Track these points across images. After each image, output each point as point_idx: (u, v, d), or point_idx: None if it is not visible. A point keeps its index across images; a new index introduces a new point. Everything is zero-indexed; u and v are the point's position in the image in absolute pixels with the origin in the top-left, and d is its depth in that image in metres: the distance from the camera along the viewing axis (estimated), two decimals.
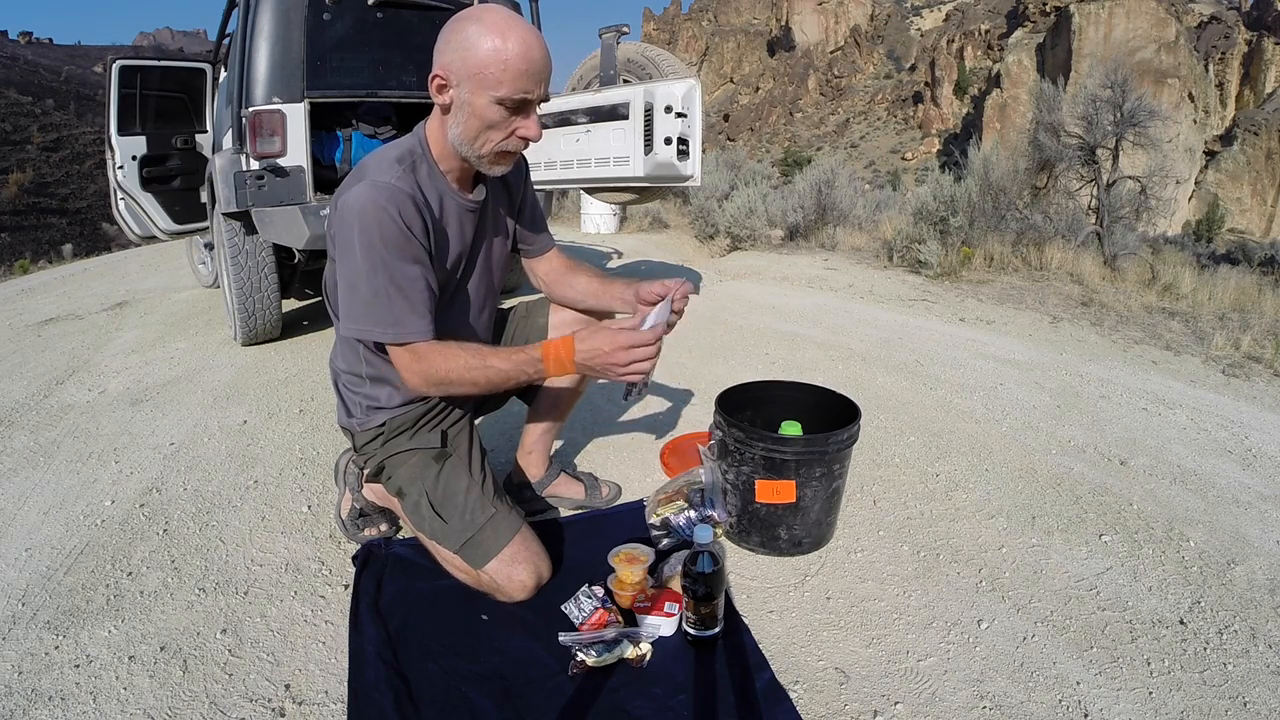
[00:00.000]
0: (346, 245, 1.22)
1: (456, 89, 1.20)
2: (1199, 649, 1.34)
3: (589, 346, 1.25)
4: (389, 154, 1.28)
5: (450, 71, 1.19)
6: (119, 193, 4.30)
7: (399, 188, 1.21)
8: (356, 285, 1.22)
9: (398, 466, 1.45)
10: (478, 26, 1.16)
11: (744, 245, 6.56)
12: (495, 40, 1.15)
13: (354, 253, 1.21)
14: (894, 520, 1.77)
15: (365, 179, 1.22)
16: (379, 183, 1.20)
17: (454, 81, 1.19)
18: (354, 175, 1.28)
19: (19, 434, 2.43)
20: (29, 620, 1.42)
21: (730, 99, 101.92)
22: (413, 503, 1.42)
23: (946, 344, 3.37)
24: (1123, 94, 5.23)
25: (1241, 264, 7.10)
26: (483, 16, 1.17)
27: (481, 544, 1.36)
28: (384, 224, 1.19)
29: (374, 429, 1.46)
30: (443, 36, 1.20)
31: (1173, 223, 22.46)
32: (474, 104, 1.20)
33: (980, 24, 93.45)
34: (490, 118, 1.21)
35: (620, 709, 1.16)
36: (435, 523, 1.39)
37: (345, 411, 1.51)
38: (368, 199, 1.19)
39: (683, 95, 3.16)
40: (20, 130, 57.30)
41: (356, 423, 1.48)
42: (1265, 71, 69.06)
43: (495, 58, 1.15)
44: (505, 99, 1.18)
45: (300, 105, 2.93)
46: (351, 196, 1.21)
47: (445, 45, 1.19)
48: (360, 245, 1.20)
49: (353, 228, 1.20)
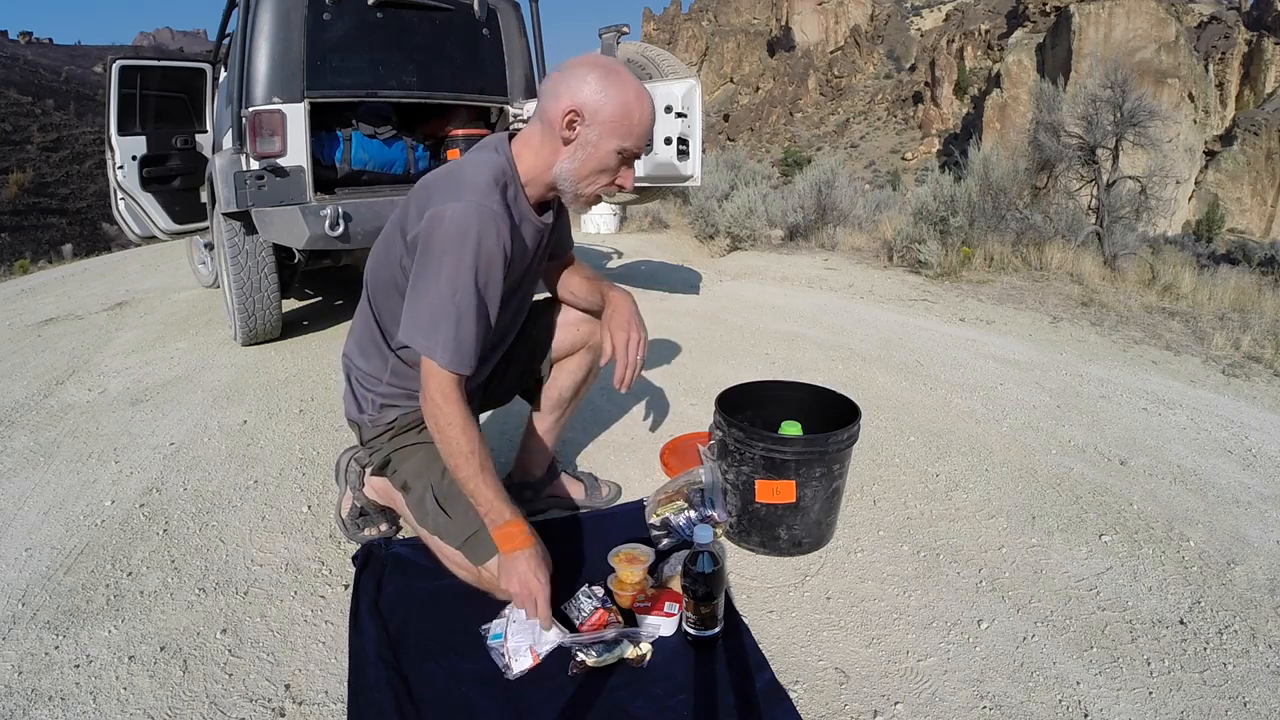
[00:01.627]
0: (438, 257, 1.21)
1: (586, 129, 1.25)
2: (1199, 649, 1.34)
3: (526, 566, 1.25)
4: (483, 172, 1.27)
5: (587, 111, 1.24)
6: (119, 193, 4.30)
7: (501, 215, 1.24)
8: (433, 300, 1.22)
9: (404, 460, 1.45)
10: (619, 80, 1.25)
11: (744, 245, 6.55)
12: (631, 98, 1.25)
13: (443, 268, 1.20)
14: (894, 520, 1.77)
15: (467, 199, 1.22)
16: (485, 207, 1.22)
17: (588, 121, 1.25)
18: (446, 185, 1.27)
19: (19, 434, 2.43)
20: (29, 620, 1.42)
21: (730, 99, 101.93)
22: (417, 497, 1.42)
23: (946, 344, 3.37)
24: (1123, 94, 5.23)
25: (1241, 264, 7.11)
26: (622, 72, 1.27)
27: (484, 541, 1.36)
28: (483, 252, 1.21)
29: (384, 425, 1.47)
30: (580, 74, 1.25)
31: (1173, 223, 22.47)
32: (600, 148, 1.26)
33: (980, 24, 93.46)
34: (608, 164, 1.29)
35: (620, 709, 1.16)
36: (439, 518, 1.39)
37: (356, 406, 1.50)
38: (473, 221, 1.20)
39: (683, 95, 3.16)
40: (20, 130, 57.27)
41: (367, 418, 1.48)
42: (1265, 71, 69.06)
43: (632, 114, 1.25)
44: (626, 151, 1.28)
45: (300, 105, 2.93)
46: (456, 213, 1.20)
47: (583, 84, 1.24)
48: (451, 264, 1.20)
49: (449, 243, 1.20)
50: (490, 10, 3.56)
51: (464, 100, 3.57)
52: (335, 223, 2.86)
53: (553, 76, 1.29)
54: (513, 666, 1.22)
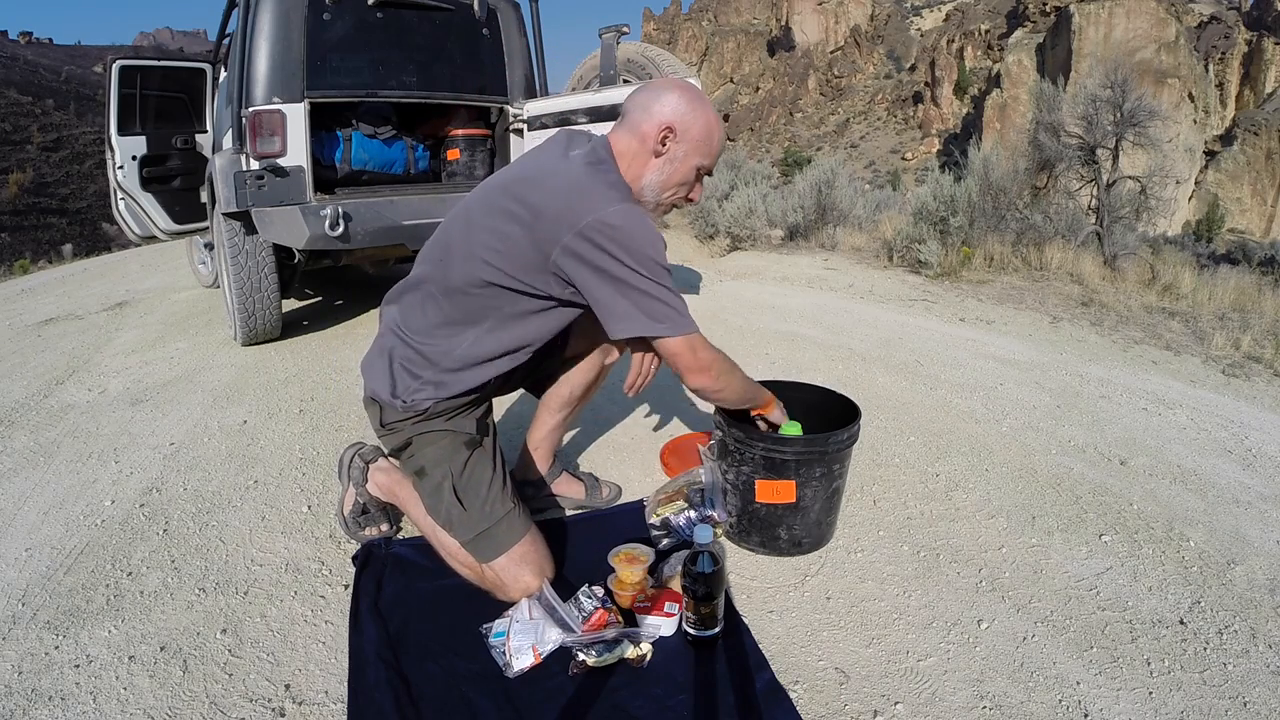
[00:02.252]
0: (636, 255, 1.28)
1: (677, 145, 1.37)
2: (1199, 649, 1.34)
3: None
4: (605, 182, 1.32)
5: (679, 127, 1.36)
6: (119, 193, 4.30)
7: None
8: (653, 291, 1.31)
9: (425, 445, 1.43)
10: (703, 103, 1.39)
11: (744, 245, 6.55)
12: (714, 121, 1.40)
13: (640, 263, 1.29)
14: (894, 520, 1.77)
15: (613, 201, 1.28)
16: (633, 207, 1.31)
17: (679, 138, 1.37)
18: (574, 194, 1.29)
19: (19, 434, 2.43)
20: (29, 620, 1.42)
21: (730, 99, 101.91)
22: (434, 484, 1.41)
23: (946, 344, 3.37)
24: (1123, 94, 5.23)
25: (1241, 264, 7.11)
26: (701, 95, 1.42)
27: (495, 537, 1.36)
28: (657, 241, 1.33)
29: (415, 411, 1.42)
30: (670, 94, 1.37)
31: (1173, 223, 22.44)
32: (685, 163, 1.39)
33: (980, 24, 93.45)
34: (688, 178, 1.42)
35: (620, 709, 1.16)
36: (454, 509, 1.39)
37: (389, 387, 1.42)
38: (638, 219, 1.30)
39: None
40: (20, 130, 57.27)
41: (400, 403, 1.41)
42: (1265, 71, 69.05)
43: (714, 135, 1.40)
44: (704, 168, 1.42)
45: (300, 105, 2.93)
46: (621, 215, 1.27)
47: (677, 104, 1.36)
48: (646, 256, 1.30)
49: (639, 241, 1.29)
50: (490, 10, 3.56)
51: (464, 100, 3.57)
52: (335, 223, 2.86)
53: (641, 95, 1.40)
54: (513, 664, 1.22)
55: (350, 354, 3.17)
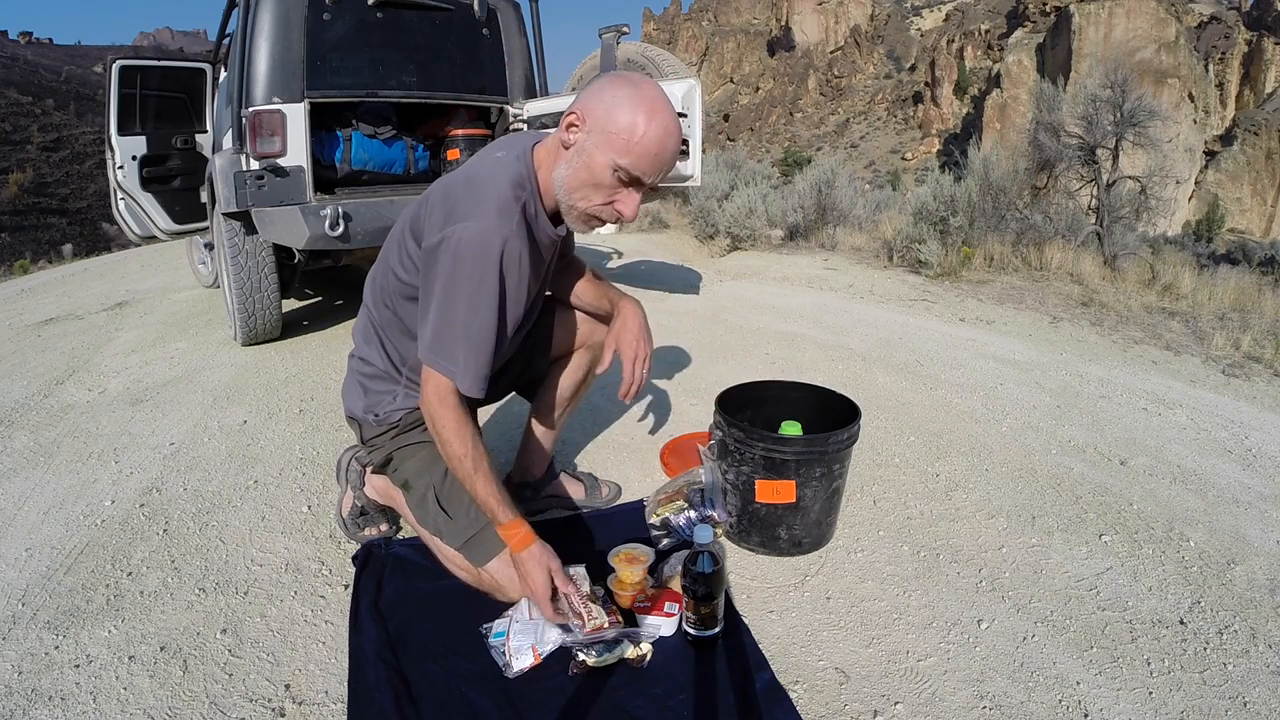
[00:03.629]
0: (450, 278, 1.20)
1: (585, 135, 1.21)
2: (1199, 649, 1.34)
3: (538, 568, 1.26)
4: (504, 185, 1.24)
5: (588, 116, 1.20)
6: (119, 193, 4.30)
7: (520, 236, 1.23)
8: (447, 317, 1.21)
9: (406, 459, 1.45)
10: (633, 92, 1.19)
11: (744, 245, 6.55)
12: (642, 115, 1.17)
13: (456, 287, 1.20)
14: (894, 520, 1.77)
15: (488, 219, 1.20)
16: (505, 229, 1.20)
17: (586, 128, 1.21)
18: (467, 196, 1.24)
19: (19, 434, 2.43)
20: (29, 620, 1.42)
21: (730, 99, 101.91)
22: (419, 496, 1.42)
23: (946, 344, 3.37)
24: (1123, 94, 5.23)
25: (1241, 264, 7.11)
26: (641, 86, 1.20)
27: (485, 542, 1.36)
28: (507, 279, 1.22)
29: (388, 424, 1.46)
30: (603, 84, 1.22)
31: (1173, 223, 22.47)
32: (593, 158, 1.20)
33: (980, 24, 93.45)
34: (600, 178, 1.21)
35: (620, 709, 1.16)
36: (440, 518, 1.39)
37: (361, 406, 1.48)
38: (495, 246, 1.19)
39: (683, 95, 3.15)
40: (20, 130, 57.27)
41: (373, 417, 1.47)
42: (1265, 71, 69.05)
43: (633, 129, 1.17)
44: (621, 169, 1.20)
45: (300, 105, 2.93)
46: (477, 236, 1.19)
47: (595, 94, 1.21)
48: (464, 284, 1.20)
49: (462, 264, 1.19)
50: (490, 10, 3.56)
51: (464, 100, 3.57)
52: (335, 223, 2.86)
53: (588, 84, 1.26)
54: (513, 665, 1.22)
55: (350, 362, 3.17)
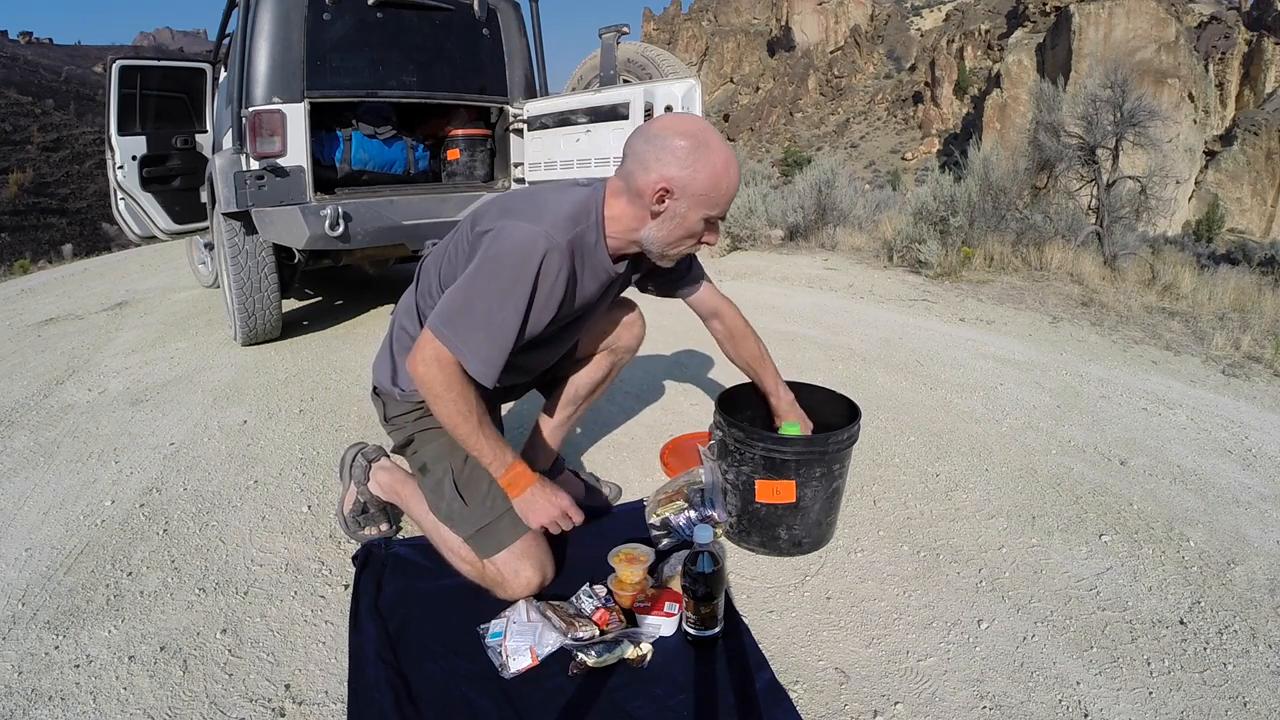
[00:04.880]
0: (488, 265, 1.24)
1: (676, 202, 1.27)
2: (1199, 649, 1.34)
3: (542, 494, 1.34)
4: (567, 204, 1.30)
5: (676, 186, 1.25)
6: (119, 193, 4.30)
7: (564, 252, 1.26)
8: (470, 299, 1.24)
9: (427, 442, 1.46)
10: (708, 152, 1.25)
11: (744, 245, 6.55)
12: (719, 166, 1.25)
13: (491, 275, 1.23)
14: (894, 520, 1.77)
15: (540, 222, 1.24)
16: (553, 239, 1.24)
17: (677, 196, 1.26)
18: (529, 202, 1.30)
19: (19, 434, 2.43)
20: (29, 620, 1.42)
21: (730, 99, 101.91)
22: (435, 480, 1.43)
23: (946, 344, 3.37)
24: (1123, 94, 5.23)
25: (1241, 264, 7.10)
26: (708, 140, 1.26)
27: (496, 533, 1.37)
28: (541, 283, 1.24)
29: (414, 403, 1.47)
30: (670, 146, 1.24)
31: (1173, 223, 22.46)
32: (688, 218, 1.29)
33: (980, 24, 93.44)
34: (696, 230, 1.32)
35: (620, 709, 1.16)
36: (455, 503, 1.40)
37: (390, 377, 1.49)
38: (539, 248, 1.22)
39: (683, 95, 3.16)
40: (20, 130, 57.26)
41: (399, 392, 1.48)
42: (1265, 71, 69.04)
43: (720, 185, 1.27)
44: (713, 218, 1.31)
45: (300, 105, 2.93)
46: (526, 235, 1.23)
47: (670, 157, 1.24)
48: (500, 275, 1.23)
49: (501, 256, 1.23)
50: (490, 10, 3.56)
51: (464, 100, 3.57)
52: (335, 223, 2.86)
53: (640, 143, 1.28)
54: (510, 665, 1.22)
55: (350, 354, 3.17)
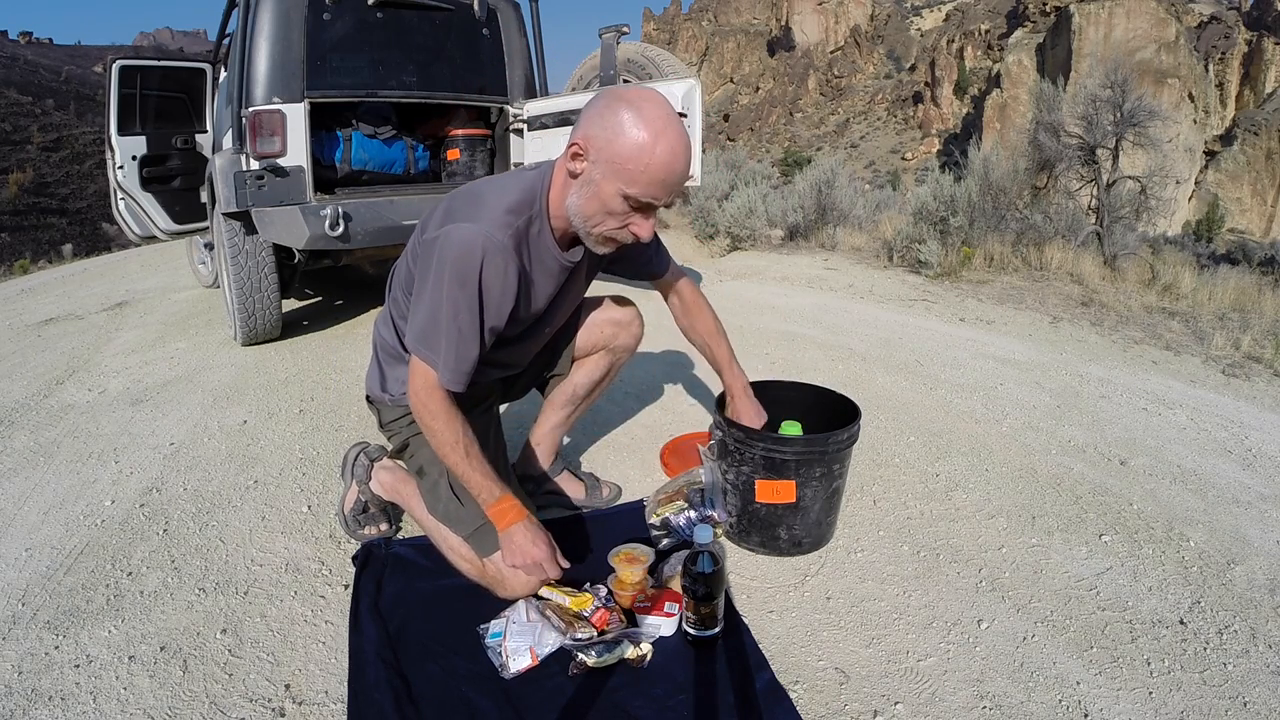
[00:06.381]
0: (439, 274, 1.22)
1: (591, 165, 1.19)
2: (1199, 649, 1.34)
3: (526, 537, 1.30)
4: (507, 196, 1.26)
5: (591, 146, 1.18)
6: (119, 193, 4.30)
7: (507, 249, 1.23)
8: (433, 311, 1.24)
9: (423, 445, 1.45)
10: (634, 115, 1.15)
11: (744, 245, 6.55)
12: (646, 138, 1.14)
13: (441, 284, 1.22)
14: (894, 520, 1.77)
15: (477, 221, 1.22)
16: (491, 237, 1.21)
17: (591, 158, 1.19)
18: (468, 201, 1.27)
19: (19, 434, 2.43)
20: (29, 620, 1.42)
21: (730, 99, 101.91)
22: (431, 482, 1.43)
23: (946, 344, 3.37)
24: (1123, 94, 5.23)
25: (1241, 264, 7.10)
26: (642, 107, 1.16)
27: (493, 531, 1.37)
28: (486, 283, 1.22)
29: (405, 407, 1.47)
30: (595, 105, 1.19)
31: (1173, 223, 22.45)
32: (601, 188, 1.19)
33: (980, 24, 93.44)
34: (612, 207, 1.21)
35: (620, 709, 1.16)
36: (451, 505, 1.40)
37: (380, 384, 1.51)
38: (476, 250, 1.20)
39: (683, 95, 3.16)
40: (20, 130, 57.26)
41: (389, 398, 1.49)
42: (1265, 71, 69.02)
43: (640, 157, 1.14)
44: (633, 197, 1.18)
45: (300, 105, 2.93)
46: (461, 234, 1.21)
47: (596, 117, 1.18)
48: (448, 282, 1.21)
49: (446, 263, 1.21)
50: (490, 10, 3.56)
51: (464, 100, 3.57)
52: (335, 223, 2.86)
53: (587, 104, 1.22)
54: (510, 666, 1.22)
55: (350, 354, 3.17)
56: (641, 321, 1.72)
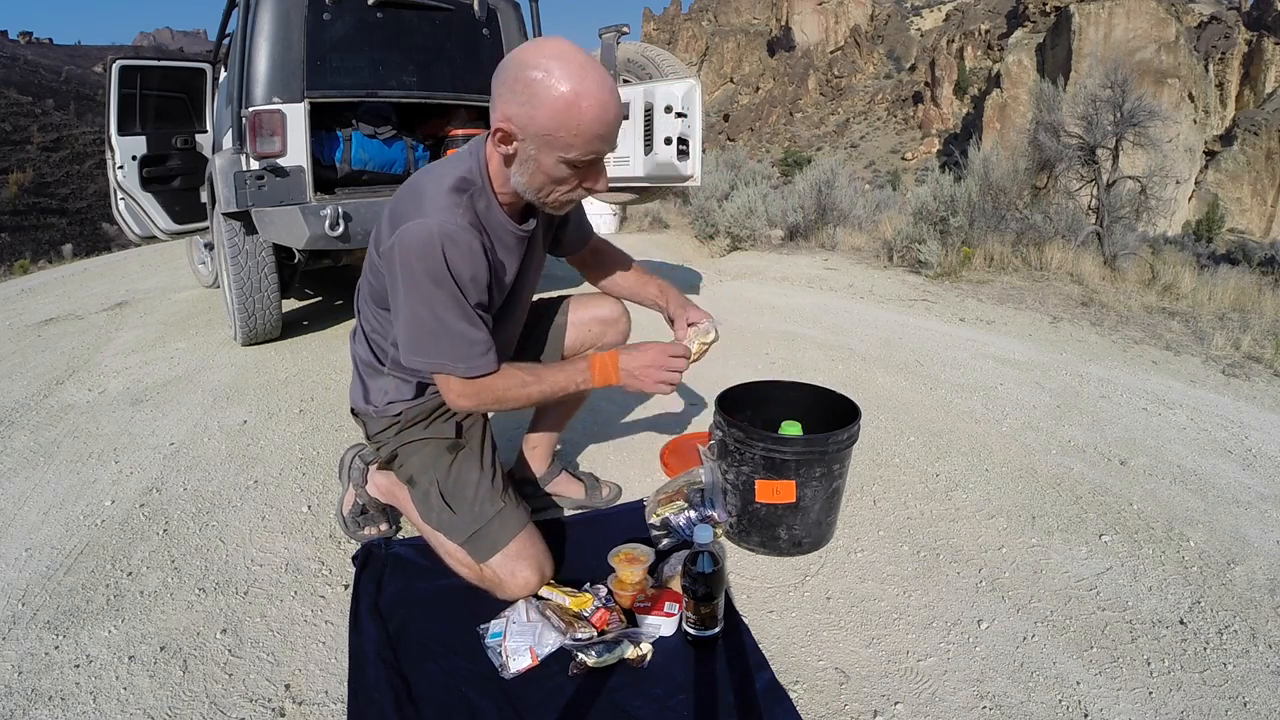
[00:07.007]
0: (409, 279, 1.18)
1: (522, 144, 1.13)
2: (1199, 649, 1.34)
3: (634, 359, 1.33)
4: (446, 180, 1.21)
5: (515, 124, 1.11)
6: (119, 193, 4.30)
7: (462, 227, 1.18)
8: (415, 319, 1.20)
9: (411, 455, 1.45)
10: (546, 77, 1.07)
11: (744, 245, 6.55)
12: (568, 97, 1.07)
13: (415, 289, 1.18)
14: (894, 520, 1.77)
15: (425, 214, 1.17)
16: (444, 224, 1.16)
17: (519, 136, 1.12)
18: (410, 197, 1.23)
19: (19, 434, 2.43)
20: (29, 620, 1.42)
21: (730, 99, 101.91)
22: (422, 492, 1.43)
23: (946, 344, 3.37)
24: (1123, 94, 5.23)
25: (1241, 264, 7.10)
26: (551, 67, 1.07)
27: (488, 537, 1.36)
28: (454, 268, 1.17)
29: (390, 418, 1.47)
30: (504, 79, 1.11)
31: (1173, 223, 22.42)
32: (541, 161, 1.14)
33: (980, 24, 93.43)
34: (557, 175, 1.16)
35: (620, 709, 1.16)
36: (444, 513, 1.39)
37: (363, 397, 1.50)
38: (434, 239, 1.15)
39: (683, 95, 3.16)
40: (20, 130, 57.26)
41: (373, 410, 1.48)
42: (1265, 71, 69.02)
43: (567, 121, 1.08)
44: (576, 160, 1.13)
45: (300, 105, 2.93)
46: (414, 232, 1.16)
47: (509, 92, 1.10)
48: (421, 284, 1.17)
49: (411, 266, 1.17)
50: (490, 10, 3.56)
51: (464, 100, 3.57)
52: (335, 223, 2.86)
53: (495, 76, 1.13)
54: (510, 666, 1.22)
55: (350, 354, 3.17)
56: (628, 318, 1.70)
